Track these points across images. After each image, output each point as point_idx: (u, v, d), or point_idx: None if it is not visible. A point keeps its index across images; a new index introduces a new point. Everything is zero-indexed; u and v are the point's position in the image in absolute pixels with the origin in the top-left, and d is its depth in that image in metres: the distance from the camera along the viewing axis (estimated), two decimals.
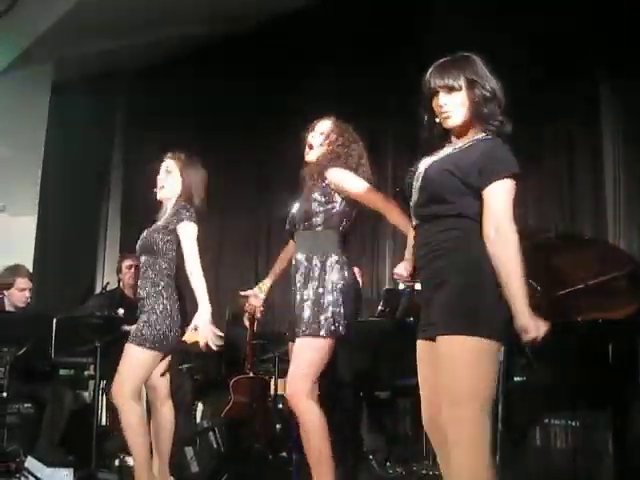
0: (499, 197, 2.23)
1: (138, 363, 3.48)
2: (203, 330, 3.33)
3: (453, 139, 2.42)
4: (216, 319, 7.18)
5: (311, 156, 3.29)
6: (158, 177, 3.67)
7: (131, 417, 3.47)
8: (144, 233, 3.66)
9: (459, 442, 2.18)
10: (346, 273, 3.13)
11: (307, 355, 3.04)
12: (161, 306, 3.51)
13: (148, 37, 7.02)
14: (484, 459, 2.18)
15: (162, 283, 3.54)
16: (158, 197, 3.68)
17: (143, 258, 3.62)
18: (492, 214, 2.22)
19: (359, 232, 3.27)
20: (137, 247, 3.67)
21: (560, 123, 5.31)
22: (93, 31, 6.63)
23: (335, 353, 3.14)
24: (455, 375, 2.21)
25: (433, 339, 2.29)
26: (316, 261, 3.12)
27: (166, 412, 3.66)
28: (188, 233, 3.52)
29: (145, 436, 3.51)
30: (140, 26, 6.73)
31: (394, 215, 3.03)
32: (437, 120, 2.40)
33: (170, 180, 3.65)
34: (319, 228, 3.16)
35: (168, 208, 3.65)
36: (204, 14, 6.62)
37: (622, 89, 5.03)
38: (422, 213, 2.35)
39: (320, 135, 3.29)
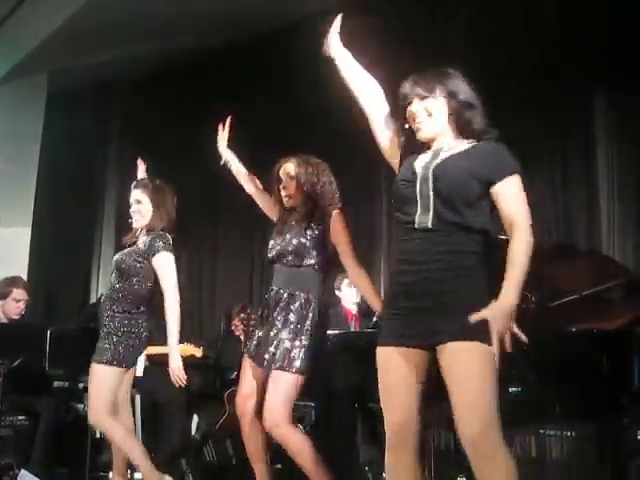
0: (516, 192, 2.32)
1: (104, 382, 3.55)
2: (174, 373, 3.50)
3: (433, 145, 2.44)
4: (211, 332, 7.21)
5: (291, 203, 3.37)
6: (131, 209, 3.75)
7: (117, 432, 3.54)
8: (118, 256, 3.74)
9: (500, 454, 2.23)
10: (324, 315, 3.34)
11: (285, 387, 3.18)
12: (124, 325, 3.58)
13: (144, 49, 7.04)
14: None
15: (128, 305, 3.61)
16: (134, 226, 3.76)
17: (113, 278, 3.69)
18: (512, 209, 2.30)
19: (353, 247, 3.36)
20: (112, 264, 3.76)
21: (554, 134, 5.34)
22: (88, 43, 6.64)
23: (330, 365, 3.21)
24: (486, 387, 2.25)
25: (424, 347, 2.33)
26: (300, 299, 3.25)
27: (121, 422, 3.68)
28: (164, 264, 3.60)
29: (139, 443, 3.55)
30: (136, 38, 6.75)
31: (355, 277, 3.29)
32: (407, 126, 2.45)
33: (142, 209, 3.72)
34: (308, 267, 3.28)
35: (142, 233, 3.73)
36: (200, 27, 6.64)
37: (617, 99, 5.06)
38: (441, 218, 2.33)
39: (291, 180, 3.35)
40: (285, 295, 3.27)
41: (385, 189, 6.13)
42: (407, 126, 2.45)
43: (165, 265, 3.60)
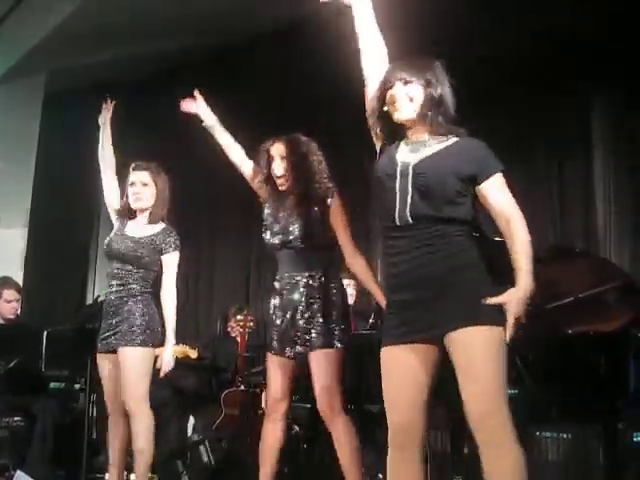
0: (503, 188, 2.36)
1: (142, 364, 3.56)
2: (167, 364, 3.61)
3: (410, 135, 2.46)
4: (207, 333, 7.20)
5: (284, 183, 3.34)
6: (133, 189, 3.77)
7: (147, 420, 3.57)
8: (122, 243, 3.69)
9: (507, 433, 2.22)
10: (344, 290, 3.34)
11: (334, 365, 3.19)
12: (141, 308, 3.61)
13: (143, 49, 7.02)
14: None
15: (142, 290, 3.65)
16: (133, 207, 3.78)
17: (123, 266, 3.67)
18: (503, 203, 2.34)
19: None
20: (114, 254, 3.71)
21: (551, 137, 5.34)
22: (86, 44, 6.63)
23: None
24: (494, 367, 2.25)
25: (431, 340, 2.32)
26: (320, 279, 3.24)
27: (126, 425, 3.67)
28: (172, 264, 3.71)
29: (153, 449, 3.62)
30: (134, 39, 6.74)
31: (357, 264, 3.24)
32: (385, 109, 2.45)
33: (147, 192, 3.76)
34: (317, 248, 3.26)
35: (144, 220, 3.76)
36: (197, 27, 6.64)
37: (613, 105, 5.07)
38: (421, 213, 2.33)
39: (282, 160, 3.32)
40: (303, 279, 3.25)
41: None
42: (385, 109, 2.45)
43: (173, 265, 3.70)
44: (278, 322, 3.30)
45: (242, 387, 5.32)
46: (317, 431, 3.97)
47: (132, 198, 3.76)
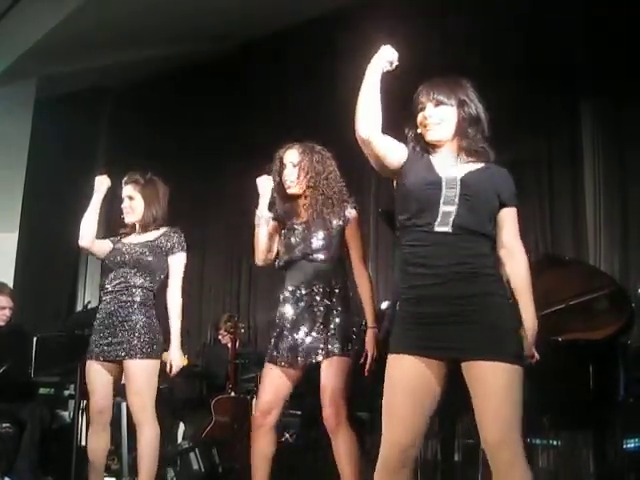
0: (516, 222, 2.43)
1: (151, 375, 3.53)
2: (177, 364, 3.63)
3: (441, 152, 2.45)
4: (198, 340, 7.19)
5: (293, 190, 3.29)
6: (122, 205, 3.76)
7: (155, 431, 3.52)
8: (130, 251, 3.68)
9: (519, 462, 2.23)
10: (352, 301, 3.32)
11: (345, 372, 3.16)
12: (145, 316, 3.59)
13: (132, 55, 7.02)
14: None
15: (145, 297, 3.63)
16: (127, 221, 3.78)
17: (128, 274, 3.64)
18: (513, 237, 2.43)
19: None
20: (120, 263, 3.68)
21: (541, 145, 5.36)
22: (77, 49, 6.63)
23: (318, 374, 3.19)
24: (510, 402, 2.26)
25: (447, 360, 2.31)
26: (336, 290, 3.22)
27: (108, 437, 3.65)
28: (180, 265, 3.71)
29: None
30: (124, 44, 6.74)
31: (364, 285, 3.25)
32: (419, 131, 2.45)
33: (134, 205, 3.73)
34: (333, 260, 3.25)
35: (139, 228, 3.74)
36: (188, 33, 6.64)
37: (603, 111, 5.09)
38: (464, 224, 2.32)
39: (294, 168, 3.28)
40: (318, 290, 3.21)
41: (374, 194, 6.14)
42: (418, 131, 2.45)
43: (179, 266, 3.70)
44: (291, 333, 3.23)
45: (232, 394, 5.31)
46: (306, 438, 3.95)
47: (124, 214, 3.75)
